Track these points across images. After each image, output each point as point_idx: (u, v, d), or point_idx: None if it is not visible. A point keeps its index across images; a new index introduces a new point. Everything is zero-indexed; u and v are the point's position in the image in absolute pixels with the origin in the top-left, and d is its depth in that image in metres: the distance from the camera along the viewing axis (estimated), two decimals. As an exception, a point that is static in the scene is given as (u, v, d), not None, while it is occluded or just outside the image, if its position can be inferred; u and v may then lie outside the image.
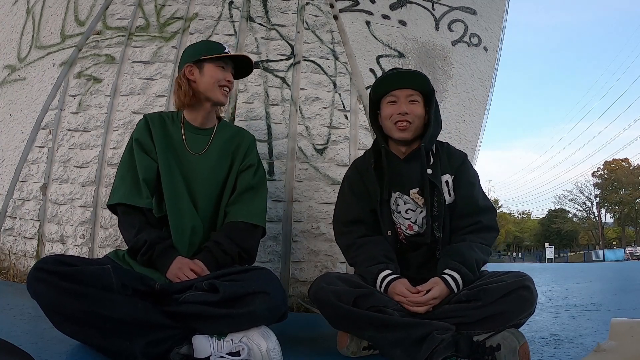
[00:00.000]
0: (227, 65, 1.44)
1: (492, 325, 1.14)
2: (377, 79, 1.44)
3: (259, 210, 1.43)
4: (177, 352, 1.07)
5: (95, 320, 1.02)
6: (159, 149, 1.40)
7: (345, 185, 1.49)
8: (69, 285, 1.02)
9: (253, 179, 1.45)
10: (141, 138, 1.41)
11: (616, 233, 39.16)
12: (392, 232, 1.39)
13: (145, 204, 1.33)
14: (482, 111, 2.31)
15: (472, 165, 1.47)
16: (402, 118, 1.35)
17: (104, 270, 1.10)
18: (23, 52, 2.46)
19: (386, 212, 1.40)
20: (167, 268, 1.25)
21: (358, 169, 1.48)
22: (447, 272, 1.24)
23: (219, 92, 1.41)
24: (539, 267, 8.96)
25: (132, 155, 1.39)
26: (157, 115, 1.47)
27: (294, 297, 1.98)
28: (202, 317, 1.11)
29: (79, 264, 1.11)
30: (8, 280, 2.09)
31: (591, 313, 2.10)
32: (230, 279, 1.18)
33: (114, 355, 1.05)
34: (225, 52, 1.43)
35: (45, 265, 1.06)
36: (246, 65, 1.52)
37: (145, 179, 1.35)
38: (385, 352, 1.17)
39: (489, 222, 1.36)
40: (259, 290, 1.13)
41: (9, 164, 2.30)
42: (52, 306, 1.04)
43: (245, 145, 1.48)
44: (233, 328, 1.11)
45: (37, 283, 1.04)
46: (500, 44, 2.45)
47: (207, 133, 1.46)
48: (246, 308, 1.10)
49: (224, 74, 1.42)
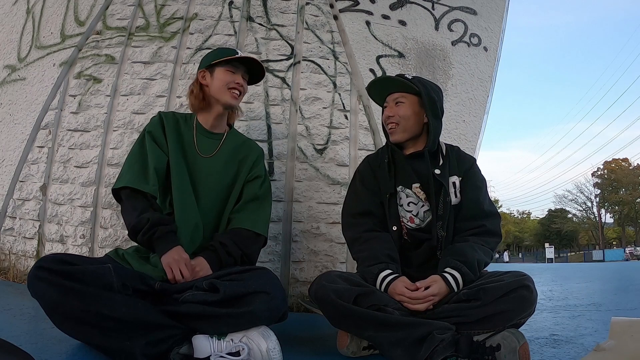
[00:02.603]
0: (237, 69, 1.48)
1: (492, 325, 1.14)
2: (368, 84, 1.49)
3: (263, 220, 1.47)
4: (177, 352, 1.07)
5: (96, 319, 1.02)
6: (171, 145, 1.43)
7: (356, 178, 1.52)
8: (69, 284, 1.03)
9: (259, 190, 1.49)
10: (154, 132, 1.44)
11: (616, 233, 39.15)
12: (397, 227, 1.41)
13: (151, 190, 1.33)
14: (482, 111, 2.31)
15: (480, 171, 1.49)
16: (389, 121, 1.43)
17: (104, 269, 1.10)
18: (23, 52, 2.46)
19: (393, 206, 1.42)
20: (164, 253, 1.23)
21: (371, 164, 1.51)
22: (448, 271, 1.25)
23: (228, 95, 1.45)
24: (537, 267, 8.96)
25: (142, 147, 1.41)
26: (172, 114, 1.51)
27: (294, 297, 1.98)
28: (202, 316, 1.11)
29: (79, 262, 1.11)
30: (8, 280, 2.09)
31: (591, 313, 2.10)
32: (230, 278, 1.18)
33: (114, 354, 1.05)
34: (236, 55, 1.46)
35: (46, 264, 1.06)
36: (258, 70, 1.55)
37: (156, 168, 1.37)
38: (385, 351, 1.17)
39: (492, 227, 1.37)
40: (259, 290, 1.13)
41: (9, 164, 2.30)
42: (52, 305, 1.04)
43: (253, 157, 1.53)
44: (233, 328, 1.11)
45: (38, 282, 1.04)
46: (500, 44, 2.45)
47: (217, 137, 1.51)
48: (246, 307, 1.10)
49: (233, 77, 1.46)
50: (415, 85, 1.40)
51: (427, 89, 1.40)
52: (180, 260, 1.23)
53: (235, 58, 1.46)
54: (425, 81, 1.44)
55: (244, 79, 1.50)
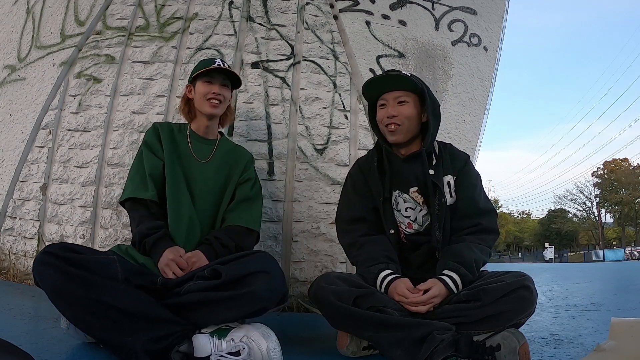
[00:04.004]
0: (214, 79, 1.54)
1: (492, 325, 1.14)
2: (365, 82, 1.44)
3: (255, 217, 1.56)
4: (177, 349, 1.07)
5: (98, 307, 1.03)
6: (166, 150, 1.51)
7: (348, 184, 1.50)
8: (75, 271, 1.04)
9: (251, 191, 1.58)
10: (149, 140, 1.54)
11: (616, 233, 39.14)
12: (395, 230, 1.40)
13: (150, 195, 1.42)
14: (482, 111, 2.31)
15: (474, 167, 1.47)
16: (390, 121, 1.37)
17: (109, 259, 1.13)
18: (23, 52, 2.46)
19: (388, 210, 1.40)
20: (158, 260, 1.29)
21: (361, 167, 1.49)
22: (446, 273, 1.24)
23: (207, 105, 1.52)
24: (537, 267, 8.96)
25: (140, 159, 1.51)
26: (166, 124, 1.61)
27: (294, 297, 1.97)
28: (204, 303, 1.12)
29: (85, 252, 1.13)
30: (8, 280, 2.09)
31: (591, 313, 2.10)
32: (230, 263, 1.22)
33: (115, 349, 1.05)
34: (209, 67, 1.52)
35: (53, 250, 1.08)
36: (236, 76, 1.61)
37: (151, 174, 1.46)
38: (385, 352, 1.16)
39: (489, 224, 1.36)
40: (260, 269, 1.17)
41: (9, 164, 2.30)
42: (57, 290, 1.05)
43: (244, 161, 1.63)
44: (235, 312, 1.12)
45: (44, 267, 1.05)
46: (500, 44, 2.45)
47: (211, 143, 1.60)
48: (247, 288, 1.12)
49: (210, 87, 1.52)
50: (417, 83, 1.38)
51: (427, 87, 1.40)
52: (174, 259, 1.27)
53: (209, 70, 1.52)
54: (421, 79, 1.42)
55: (225, 86, 1.56)
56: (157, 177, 1.47)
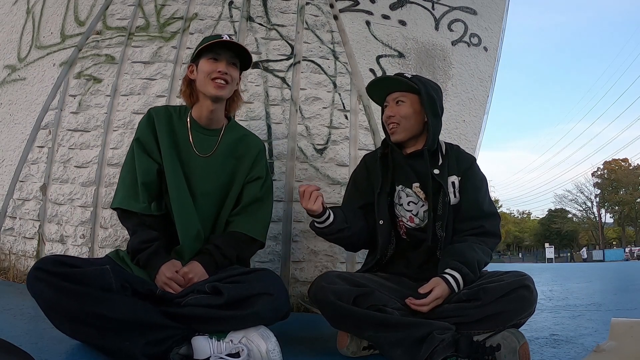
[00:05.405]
0: (220, 56, 1.33)
1: (492, 324, 1.14)
2: (368, 84, 1.49)
3: (262, 225, 1.42)
4: (177, 352, 1.07)
5: (95, 320, 1.02)
6: (164, 147, 1.35)
7: (351, 178, 1.56)
8: (68, 285, 1.03)
9: (260, 191, 1.42)
10: (142, 137, 1.36)
11: (616, 233, 39.11)
12: (386, 222, 1.41)
13: (141, 208, 1.29)
14: (482, 111, 2.31)
15: (480, 170, 1.48)
16: (389, 121, 1.42)
17: (102, 270, 1.11)
18: (23, 52, 2.46)
19: (383, 203, 1.42)
20: (154, 277, 1.22)
21: (367, 162, 1.53)
22: (448, 272, 1.24)
23: (212, 85, 1.32)
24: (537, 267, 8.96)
25: (133, 157, 1.36)
26: (164, 110, 1.41)
27: (294, 297, 1.97)
28: (206, 319, 1.11)
29: (78, 264, 1.11)
30: (8, 280, 2.09)
31: (591, 313, 2.10)
32: (233, 280, 1.17)
33: (114, 354, 1.05)
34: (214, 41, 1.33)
35: (44, 266, 1.06)
36: (247, 55, 1.41)
37: (144, 183, 1.31)
38: (385, 351, 1.16)
39: (491, 227, 1.37)
40: (263, 291, 1.13)
41: (9, 164, 2.30)
42: (51, 306, 1.04)
43: (253, 154, 1.43)
44: (236, 328, 1.11)
45: (37, 282, 1.04)
46: (500, 44, 2.45)
47: (214, 134, 1.40)
48: (250, 309, 1.10)
49: (216, 65, 1.32)
50: (414, 84, 1.40)
51: (426, 87, 1.40)
52: (172, 278, 1.20)
53: (215, 43, 1.31)
54: (424, 80, 1.44)
55: (233, 65, 1.36)
56: (151, 184, 1.32)
